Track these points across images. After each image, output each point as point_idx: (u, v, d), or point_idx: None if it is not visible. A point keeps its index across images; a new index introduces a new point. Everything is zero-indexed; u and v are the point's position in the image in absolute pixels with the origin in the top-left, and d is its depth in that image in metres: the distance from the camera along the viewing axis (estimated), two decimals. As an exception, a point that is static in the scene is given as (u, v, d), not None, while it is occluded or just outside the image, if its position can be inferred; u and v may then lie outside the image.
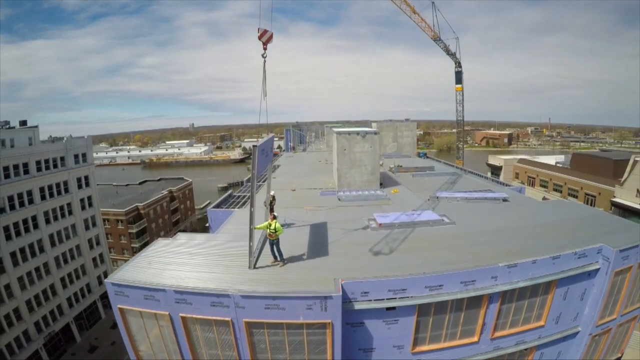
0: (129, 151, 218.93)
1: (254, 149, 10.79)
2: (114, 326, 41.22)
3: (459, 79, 63.41)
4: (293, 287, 9.87)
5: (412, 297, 10.23)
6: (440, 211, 17.01)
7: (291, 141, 53.19)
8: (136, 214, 61.93)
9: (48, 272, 41.46)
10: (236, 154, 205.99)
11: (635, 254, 12.60)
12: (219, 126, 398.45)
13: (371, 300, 10.09)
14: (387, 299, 10.14)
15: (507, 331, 11.99)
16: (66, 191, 44.60)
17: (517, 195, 20.66)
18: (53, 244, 42.29)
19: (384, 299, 10.13)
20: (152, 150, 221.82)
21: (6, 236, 36.44)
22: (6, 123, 43.30)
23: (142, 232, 62.77)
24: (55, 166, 43.34)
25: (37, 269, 39.99)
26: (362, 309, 10.09)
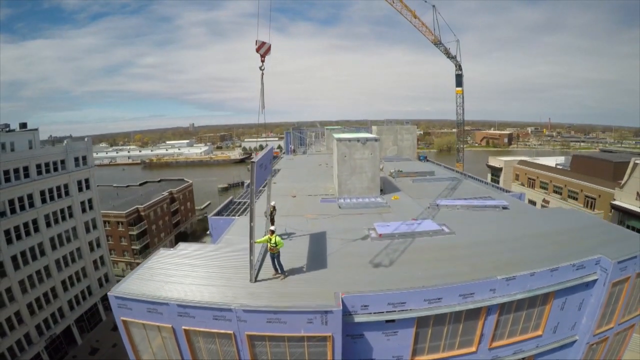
0: (129, 151, 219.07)
1: (252, 165, 10.72)
2: (115, 328, 41.25)
3: (459, 82, 63.21)
4: (294, 301, 9.99)
5: (411, 310, 10.38)
6: (440, 219, 17.15)
7: (291, 143, 53.30)
8: (137, 215, 62.05)
9: (49, 275, 41.61)
10: (236, 154, 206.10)
11: (634, 264, 12.74)
12: (219, 126, 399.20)
13: (371, 314, 10.24)
14: (387, 312, 10.29)
15: (505, 341, 12.15)
16: (67, 194, 44.72)
17: (517, 202, 20.76)
18: (54, 247, 42.43)
19: (383, 312, 10.28)
20: (152, 150, 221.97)
21: (7, 240, 36.56)
22: (6, 126, 43.31)
23: (142, 233, 62.94)
24: (56, 169, 43.44)
25: (38, 272, 40.15)
26: (362, 321, 10.24)
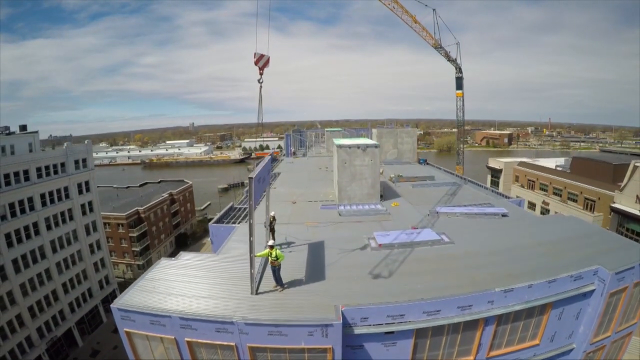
0: (129, 151, 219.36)
1: (250, 180, 10.71)
2: (116, 330, 41.07)
3: (459, 84, 63.08)
4: (295, 313, 10.13)
5: (410, 322, 10.50)
6: (440, 228, 17.24)
7: (291, 145, 53.31)
8: (137, 217, 62.09)
9: (50, 277, 41.73)
10: (236, 154, 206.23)
11: (631, 274, 12.85)
12: (219, 125, 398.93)
13: (370, 325, 10.37)
14: (386, 324, 10.41)
15: (502, 350, 12.28)
16: (67, 197, 44.80)
17: (517, 209, 20.80)
18: (54, 250, 42.53)
19: (382, 324, 10.41)
20: (152, 150, 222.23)
21: (8, 243, 36.67)
22: (6, 128, 43.45)
23: (142, 235, 63.01)
24: (56, 172, 43.51)
25: (39, 275, 40.25)
26: (362, 333, 10.37)
